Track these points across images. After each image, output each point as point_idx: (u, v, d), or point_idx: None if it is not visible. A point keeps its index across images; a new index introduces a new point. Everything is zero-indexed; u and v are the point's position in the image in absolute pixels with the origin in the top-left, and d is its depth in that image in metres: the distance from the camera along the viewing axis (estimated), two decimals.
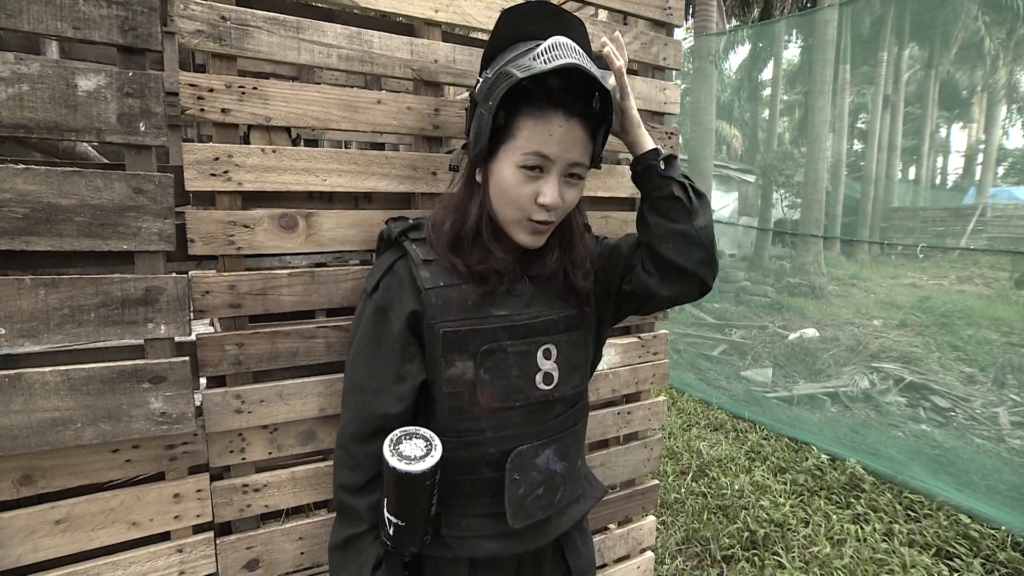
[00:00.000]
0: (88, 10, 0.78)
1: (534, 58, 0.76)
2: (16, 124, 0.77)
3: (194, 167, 0.91)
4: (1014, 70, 11.95)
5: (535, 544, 0.94)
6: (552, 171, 0.82)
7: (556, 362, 0.92)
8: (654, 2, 1.38)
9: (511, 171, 0.82)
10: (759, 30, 10.67)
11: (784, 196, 10.49)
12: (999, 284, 7.51)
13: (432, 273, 0.86)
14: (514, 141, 0.82)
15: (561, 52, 0.76)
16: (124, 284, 0.86)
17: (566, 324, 0.94)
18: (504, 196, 0.84)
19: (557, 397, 0.93)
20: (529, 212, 0.84)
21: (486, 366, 0.87)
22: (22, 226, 0.79)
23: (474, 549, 0.91)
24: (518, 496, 0.89)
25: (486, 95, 0.80)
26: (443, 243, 0.87)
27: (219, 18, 0.89)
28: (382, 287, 0.88)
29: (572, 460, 0.97)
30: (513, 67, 0.77)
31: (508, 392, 0.88)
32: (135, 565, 0.96)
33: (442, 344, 0.86)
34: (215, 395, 0.98)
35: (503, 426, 0.89)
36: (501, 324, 0.87)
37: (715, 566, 2.26)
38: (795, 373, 4.76)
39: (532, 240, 0.87)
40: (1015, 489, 2.74)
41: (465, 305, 0.86)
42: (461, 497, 0.91)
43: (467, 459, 0.89)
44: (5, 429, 0.82)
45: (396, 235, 0.90)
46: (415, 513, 0.82)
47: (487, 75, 0.82)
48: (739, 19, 15.45)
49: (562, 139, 0.81)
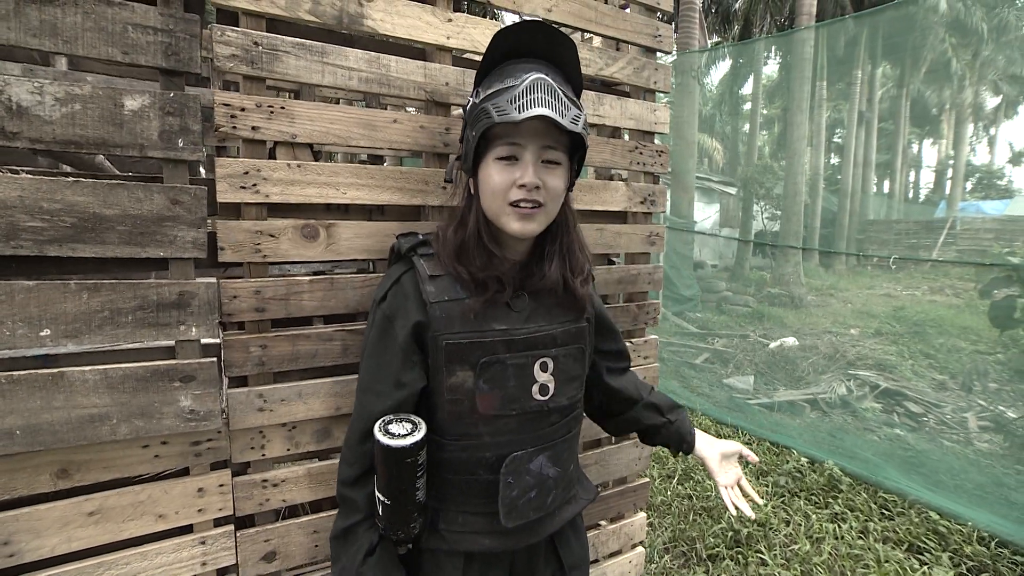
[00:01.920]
0: (136, 37, 0.85)
1: (511, 100, 0.83)
2: (68, 140, 0.83)
3: (225, 180, 0.97)
4: (979, 90, 12.48)
5: (527, 542, 1.00)
6: (525, 156, 0.89)
7: (552, 374, 0.98)
8: (646, 30, 1.49)
9: (493, 168, 0.89)
10: (740, 47, 11.00)
11: (764, 208, 10.78)
12: (967, 294, 7.81)
13: (437, 288, 0.92)
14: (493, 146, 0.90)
15: (537, 97, 0.83)
16: (160, 289, 0.93)
17: (564, 338, 0.99)
18: (488, 189, 0.90)
19: (552, 407, 0.99)
20: (509, 196, 0.89)
21: (485, 376, 0.93)
22: (70, 234, 0.85)
23: (469, 544, 0.97)
24: (511, 498, 0.95)
25: (471, 122, 0.89)
26: (448, 251, 0.93)
27: (252, 44, 0.97)
28: (389, 296, 0.94)
29: (565, 465, 1.03)
30: (492, 105, 0.85)
31: (505, 401, 0.94)
32: (161, 556, 1.01)
33: (444, 355, 0.92)
34: (239, 394, 1.04)
35: (500, 432, 0.95)
36: (500, 338, 0.93)
37: (701, 564, 2.34)
38: (776, 380, 4.91)
39: (522, 226, 0.90)
40: (980, 488, 2.89)
41: (467, 319, 0.92)
42: (458, 495, 0.97)
43: (465, 461, 0.96)
44: (47, 424, 0.87)
45: (405, 250, 0.96)
46: (400, 491, 0.88)
47: (477, 96, 0.90)
48: (720, 35, 15.87)
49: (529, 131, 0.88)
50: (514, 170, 0.89)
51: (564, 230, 0.99)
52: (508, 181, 0.88)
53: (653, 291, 1.64)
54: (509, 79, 0.86)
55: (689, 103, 8.10)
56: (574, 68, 0.92)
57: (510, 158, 0.89)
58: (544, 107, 0.82)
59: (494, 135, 0.89)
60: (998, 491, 2.86)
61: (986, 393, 4.34)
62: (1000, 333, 4.64)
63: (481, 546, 0.97)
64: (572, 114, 0.86)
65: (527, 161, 0.89)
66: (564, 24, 1.36)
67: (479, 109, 0.87)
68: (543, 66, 0.89)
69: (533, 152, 0.89)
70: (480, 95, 0.89)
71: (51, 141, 0.82)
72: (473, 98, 0.91)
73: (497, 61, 0.91)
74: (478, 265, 0.92)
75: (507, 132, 0.88)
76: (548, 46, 0.89)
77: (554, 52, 0.90)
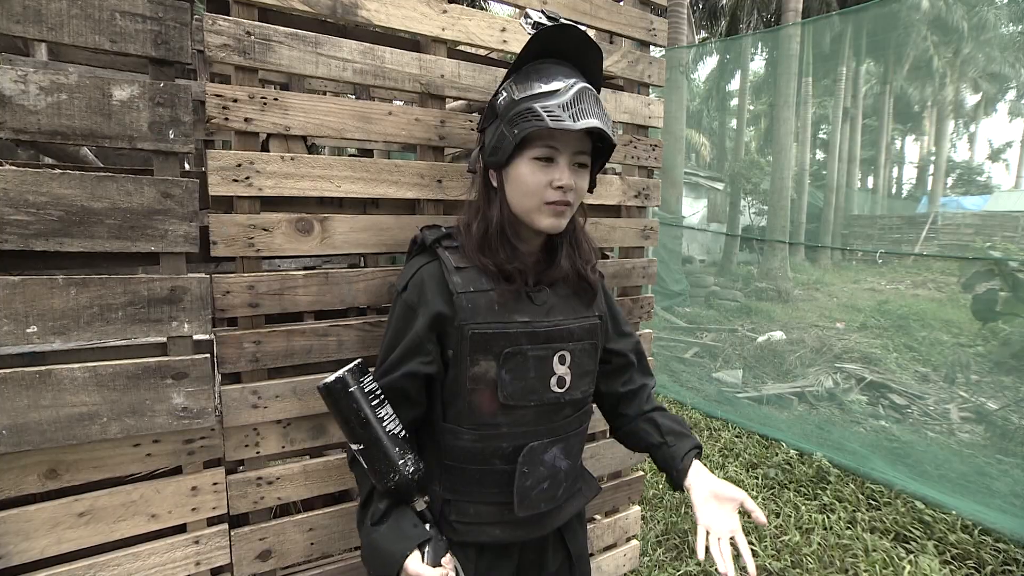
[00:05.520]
0: (125, 25, 0.83)
1: (563, 107, 0.85)
2: (54, 131, 0.80)
3: (217, 173, 0.95)
4: (960, 87, 12.69)
5: (536, 533, 1.02)
6: (561, 159, 0.92)
7: (569, 367, 1.00)
8: (640, 23, 1.49)
9: (527, 166, 0.91)
10: (727, 43, 11.06)
11: (751, 203, 10.87)
12: (949, 288, 7.96)
13: (463, 279, 0.94)
14: (528, 146, 0.91)
15: (586, 107, 0.86)
16: (151, 284, 0.90)
17: (580, 333, 1.02)
18: (522, 188, 0.92)
19: (567, 400, 1.01)
20: (546, 196, 0.92)
21: (508, 367, 0.94)
22: (57, 228, 0.82)
23: (479, 535, 0.98)
24: (525, 487, 0.97)
25: (511, 119, 0.89)
26: (473, 244, 0.95)
27: (244, 33, 0.94)
28: (411, 286, 0.95)
29: (575, 459, 1.06)
30: (542, 108, 0.86)
31: (525, 392, 0.96)
32: (154, 556, 0.99)
33: (470, 344, 0.93)
34: (233, 391, 1.02)
35: (517, 423, 0.97)
36: (523, 329, 0.95)
37: (693, 557, 2.37)
38: (764, 374, 4.96)
39: (554, 222, 0.93)
40: (963, 477, 2.95)
41: (492, 310, 0.94)
42: (472, 485, 0.98)
43: (481, 451, 0.97)
44: (34, 424, 0.85)
45: (431, 242, 0.97)
46: (360, 428, 0.86)
47: (511, 90, 0.91)
48: (707, 31, 15.94)
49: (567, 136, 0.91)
50: (550, 171, 0.91)
51: (573, 223, 1.02)
52: (544, 181, 0.91)
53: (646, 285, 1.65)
54: (554, 81, 0.89)
55: (677, 98, 8.13)
56: (599, 75, 0.97)
57: (547, 160, 0.91)
58: (595, 119, 0.86)
59: (531, 136, 0.90)
60: (980, 480, 2.92)
61: (968, 385, 4.43)
62: (982, 326, 4.74)
63: (492, 537, 0.99)
64: (611, 124, 0.91)
65: (563, 164, 0.91)
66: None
67: (523, 108, 0.88)
68: (577, 73, 0.92)
69: (568, 156, 0.92)
70: (515, 91, 0.90)
71: (36, 132, 0.79)
72: (508, 92, 0.92)
73: (533, 58, 0.94)
74: (503, 257, 0.94)
75: (547, 135, 0.90)
76: (583, 52, 0.93)
77: (587, 58, 0.94)
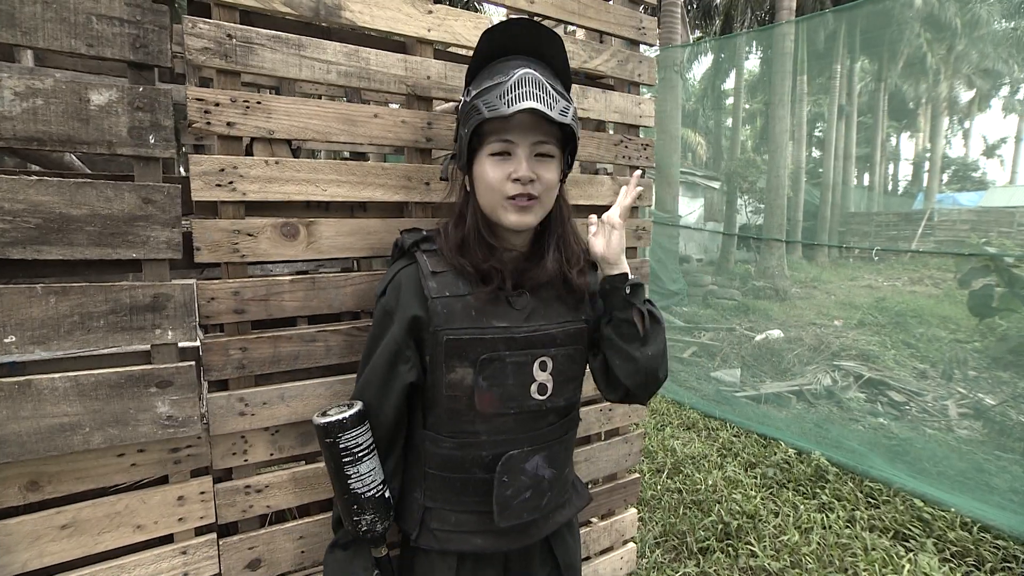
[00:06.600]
0: (102, 28, 0.81)
1: (500, 96, 0.85)
2: (30, 137, 0.79)
3: (200, 178, 0.94)
4: (954, 84, 12.72)
5: (519, 543, 1.00)
6: (519, 151, 0.90)
7: (551, 374, 0.97)
8: (629, 22, 1.48)
9: (487, 163, 0.91)
10: (721, 42, 11.07)
11: (748, 202, 10.88)
12: (946, 284, 7.96)
13: (439, 284, 0.92)
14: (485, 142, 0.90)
15: (526, 91, 0.84)
16: (133, 291, 0.89)
17: (564, 339, 0.99)
18: (483, 185, 0.91)
19: (550, 407, 0.98)
20: (506, 191, 0.90)
21: (485, 373, 0.92)
22: (35, 235, 0.81)
23: (460, 543, 0.97)
24: (505, 497, 0.94)
25: (463, 120, 0.91)
26: (451, 245, 0.94)
27: (225, 36, 0.93)
28: (389, 291, 0.94)
29: (560, 467, 1.03)
30: (483, 102, 0.86)
31: (504, 399, 0.94)
32: (140, 568, 0.98)
33: (445, 350, 0.91)
34: (219, 398, 1.01)
35: (497, 431, 0.95)
36: (501, 335, 0.93)
37: (692, 558, 2.35)
38: (762, 373, 4.95)
39: (518, 218, 0.91)
40: (962, 474, 2.95)
41: (468, 315, 0.92)
42: (452, 493, 0.97)
43: (461, 459, 0.95)
44: (13, 435, 0.83)
45: (409, 246, 0.96)
46: (334, 475, 0.90)
47: (467, 95, 0.92)
48: (702, 31, 15.97)
49: (521, 126, 0.89)
50: (508, 165, 0.90)
51: (559, 222, 1.00)
52: (502, 176, 0.90)
53: None
54: (498, 76, 0.88)
55: (672, 98, 8.14)
56: (562, 63, 0.94)
57: (503, 153, 0.90)
58: (533, 100, 0.84)
59: (487, 132, 0.90)
60: (979, 477, 2.92)
61: (965, 381, 4.43)
62: (979, 322, 4.74)
63: (472, 546, 0.97)
64: (561, 106, 0.87)
65: (520, 155, 0.90)
66: (547, 16, 1.34)
67: (470, 107, 0.89)
68: (531, 62, 0.90)
69: (526, 146, 0.90)
70: (471, 94, 0.91)
71: (11, 138, 0.78)
72: (465, 97, 0.93)
73: (486, 60, 0.93)
74: (480, 257, 0.93)
75: (499, 128, 0.89)
76: (535, 43, 0.91)
77: (541, 48, 0.91)
